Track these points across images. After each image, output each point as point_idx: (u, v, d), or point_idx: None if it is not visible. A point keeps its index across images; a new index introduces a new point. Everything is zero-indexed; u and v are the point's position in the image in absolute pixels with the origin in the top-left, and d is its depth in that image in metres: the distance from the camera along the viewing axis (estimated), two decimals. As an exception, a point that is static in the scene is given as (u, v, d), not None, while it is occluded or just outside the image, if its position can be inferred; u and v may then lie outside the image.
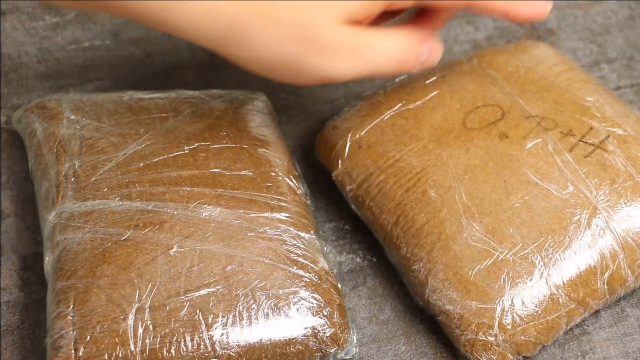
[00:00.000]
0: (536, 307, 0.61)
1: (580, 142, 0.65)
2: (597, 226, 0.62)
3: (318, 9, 0.58)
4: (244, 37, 0.59)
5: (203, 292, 0.59)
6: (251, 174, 0.65)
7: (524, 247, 0.61)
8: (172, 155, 0.66)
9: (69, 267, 0.60)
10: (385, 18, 0.65)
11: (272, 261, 0.61)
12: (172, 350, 0.58)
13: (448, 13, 0.66)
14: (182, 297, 0.59)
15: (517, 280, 0.61)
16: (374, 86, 0.79)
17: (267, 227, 0.63)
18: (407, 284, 0.65)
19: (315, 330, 0.60)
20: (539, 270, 0.61)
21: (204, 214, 0.62)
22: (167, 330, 0.58)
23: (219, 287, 0.59)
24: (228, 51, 0.60)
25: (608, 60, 0.82)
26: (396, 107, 0.70)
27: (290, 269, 0.61)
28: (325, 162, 0.71)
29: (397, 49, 0.63)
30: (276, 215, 0.63)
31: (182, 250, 0.61)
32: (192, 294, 0.59)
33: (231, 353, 0.58)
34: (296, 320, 0.60)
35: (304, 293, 0.61)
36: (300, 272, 0.61)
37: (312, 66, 0.60)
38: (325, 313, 0.61)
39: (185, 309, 0.59)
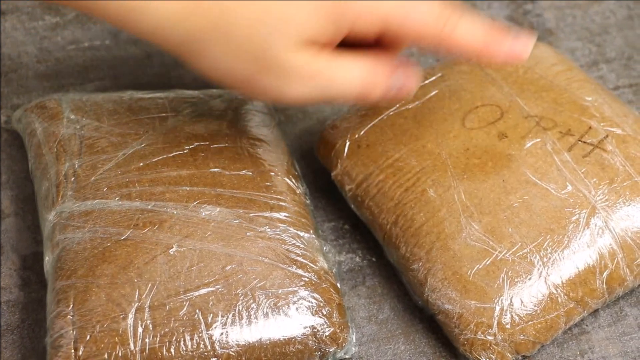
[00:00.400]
0: (535, 306, 0.60)
1: (579, 142, 0.65)
2: (595, 226, 0.62)
3: (274, 31, 0.57)
4: (201, 49, 0.58)
5: (202, 291, 0.59)
6: (250, 173, 0.65)
7: (523, 247, 0.61)
8: (171, 154, 0.66)
9: (69, 267, 0.60)
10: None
11: (272, 260, 0.61)
12: (172, 350, 0.58)
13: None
14: (182, 297, 0.59)
15: (516, 280, 0.61)
16: (373, 86, 0.79)
17: (267, 227, 0.63)
18: (407, 283, 0.65)
19: (315, 330, 0.60)
20: (538, 269, 0.61)
21: (203, 214, 0.63)
22: (166, 330, 0.58)
23: (218, 286, 0.59)
24: (188, 60, 0.60)
25: (607, 60, 0.82)
26: (395, 107, 0.69)
27: (289, 268, 0.61)
28: (324, 161, 0.71)
29: (359, 78, 0.60)
30: (275, 214, 0.63)
31: (182, 249, 0.61)
32: (191, 293, 0.59)
33: (231, 352, 0.58)
34: (295, 320, 0.60)
35: (303, 292, 0.61)
36: (300, 271, 0.61)
37: (264, 86, 0.59)
38: (325, 312, 0.61)
39: (184, 309, 0.58)
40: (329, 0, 0.58)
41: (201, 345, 0.58)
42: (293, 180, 0.67)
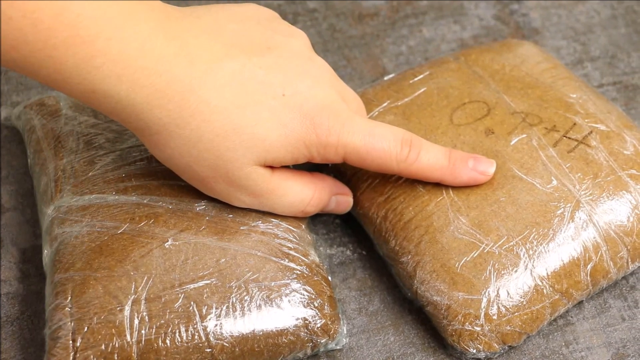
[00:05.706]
0: (521, 298, 0.60)
1: (564, 138, 0.66)
2: (580, 219, 0.62)
3: (239, 147, 0.58)
4: (160, 141, 0.58)
5: (197, 284, 0.59)
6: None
7: (509, 240, 0.61)
8: (166, 150, 0.66)
9: (67, 260, 0.60)
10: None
11: (265, 254, 0.61)
12: (167, 341, 0.58)
13: None
14: (177, 289, 0.59)
15: (502, 272, 0.61)
16: (364, 84, 0.80)
17: (260, 221, 0.63)
18: (396, 275, 0.65)
19: (307, 321, 0.60)
20: (524, 262, 0.61)
21: (198, 208, 0.63)
22: (162, 322, 0.58)
23: (212, 279, 0.60)
24: (146, 144, 0.59)
25: (591, 59, 0.82)
26: (385, 104, 0.70)
27: (281, 261, 0.61)
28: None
29: (299, 201, 0.63)
30: (268, 209, 0.64)
31: (177, 243, 0.61)
32: (186, 286, 0.59)
33: (224, 343, 0.59)
34: (288, 312, 0.60)
35: (295, 285, 0.61)
36: (292, 264, 0.61)
37: (216, 189, 0.61)
38: (316, 304, 0.61)
39: (180, 301, 0.59)
40: (299, 130, 0.59)
41: (196, 337, 0.58)
42: (285, 176, 0.67)
